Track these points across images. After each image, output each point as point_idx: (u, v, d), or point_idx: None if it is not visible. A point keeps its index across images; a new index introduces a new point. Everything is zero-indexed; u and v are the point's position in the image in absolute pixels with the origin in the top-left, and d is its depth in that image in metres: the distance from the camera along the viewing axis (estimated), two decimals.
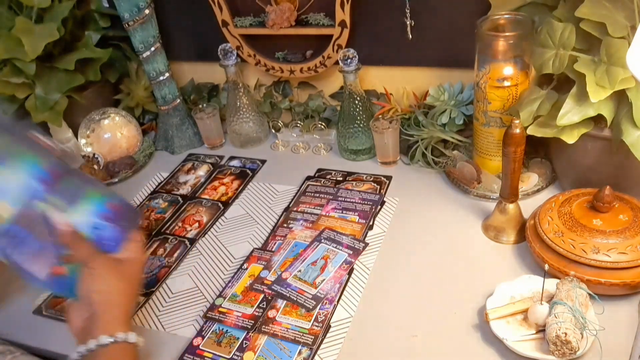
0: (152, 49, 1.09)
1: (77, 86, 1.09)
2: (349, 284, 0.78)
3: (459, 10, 0.94)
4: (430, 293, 0.75)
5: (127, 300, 0.64)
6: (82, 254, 0.64)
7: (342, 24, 0.99)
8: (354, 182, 0.99)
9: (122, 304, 0.63)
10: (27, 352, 0.76)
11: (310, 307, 0.75)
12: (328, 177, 1.02)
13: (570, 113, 0.72)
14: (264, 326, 0.73)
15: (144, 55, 1.09)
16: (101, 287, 0.63)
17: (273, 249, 0.86)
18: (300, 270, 0.81)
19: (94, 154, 1.12)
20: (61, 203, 0.66)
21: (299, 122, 1.12)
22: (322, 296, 0.76)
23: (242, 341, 0.72)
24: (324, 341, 0.71)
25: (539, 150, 0.93)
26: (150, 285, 0.84)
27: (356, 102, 1.00)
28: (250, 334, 0.73)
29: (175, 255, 0.90)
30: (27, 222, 0.65)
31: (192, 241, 0.92)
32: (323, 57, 1.05)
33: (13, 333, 0.80)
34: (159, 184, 1.09)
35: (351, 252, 0.83)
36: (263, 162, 1.10)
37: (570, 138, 0.74)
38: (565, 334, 0.59)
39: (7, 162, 0.64)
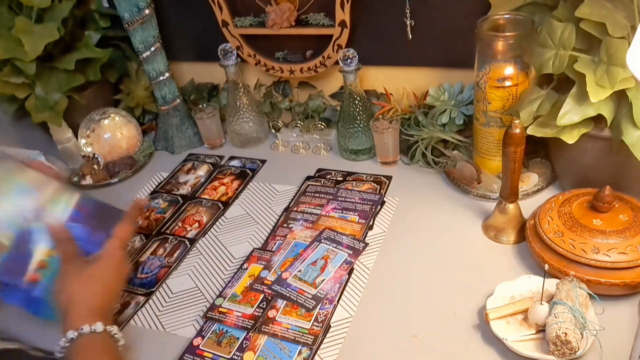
0: (152, 49, 1.09)
1: (77, 86, 1.09)
2: (349, 284, 0.78)
3: (459, 10, 0.94)
4: (430, 293, 0.75)
5: (97, 296, 0.68)
6: (64, 251, 0.71)
7: (342, 24, 0.99)
8: (354, 182, 0.99)
9: (87, 301, 0.67)
10: (36, 349, 0.76)
11: (310, 307, 0.75)
12: (328, 177, 1.02)
13: (570, 113, 0.73)
14: (264, 326, 0.73)
15: (144, 55, 1.09)
16: (64, 288, 0.68)
17: (273, 249, 0.86)
18: (300, 270, 0.81)
19: (94, 154, 1.12)
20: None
21: (299, 122, 1.12)
22: (322, 296, 0.76)
23: (242, 341, 0.72)
24: (324, 341, 0.71)
25: (539, 150, 0.93)
26: (150, 285, 0.84)
27: (356, 102, 1.00)
28: (250, 334, 0.73)
29: (175, 255, 0.90)
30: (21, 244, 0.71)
31: (192, 241, 0.92)
32: (323, 57, 1.05)
33: (12, 333, 0.80)
34: (159, 184, 1.09)
35: (351, 252, 0.83)
36: (263, 162, 1.10)
37: (570, 138, 0.74)
38: (565, 334, 0.59)
39: (2, 191, 0.69)
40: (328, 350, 0.70)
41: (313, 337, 0.71)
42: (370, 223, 0.89)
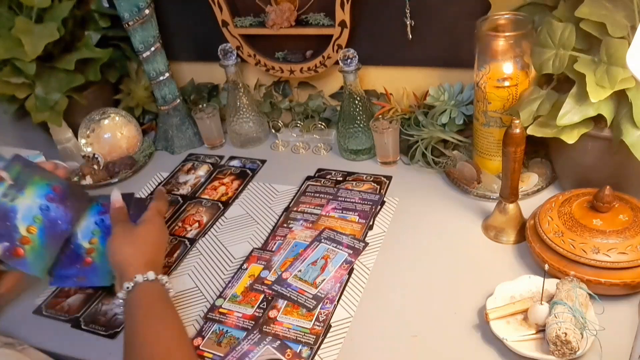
0: (152, 49, 1.09)
1: (77, 86, 1.09)
2: (349, 283, 0.78)
3: (459, 10, 0.94)
4: (430, 293, 0.75)
5: (146, 252, 0.76)
6: (117, 217, 0.81)
7: (342, 24, 0.99)
8: (354, 182, 0.99)
9: (140, 256, 0.75)
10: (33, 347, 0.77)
11: (311, 307, 0.75)
12: (328, 177, 1.02)
13: (570, 113, 0.73)
14: (265, 326, 0.73)
15: (144, 55, 1.09)
16: (118, 249, 0.76)
17: (273, 249, 0.86)
18: (300, 270, 0.81)
19: (94, 154, 1.12)
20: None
21: (299, 122, 1.12)
22: (323, 296, 0.76)
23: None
24: (324, 341, 0.71)
25: (539, 150, 0.93)
26: None
27: (356, 102, 1.00)
28: (251, 334, 0.73)
29: (175, 255, 0.90)
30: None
31: (192, 241, 0.92)
32: (323, 57, 1.05)
33: (13, 333, 0.80)
34: (159, 184, 1.09)
35: (351, 252, 0.83)
36: (263, 162, 1.10)
37: (570, 138, 0.74)
38: (565, 334, 0.59)
39: (24, 190, 0.77)
40: (328, 350, 0.70)
41: (314, 337, 0.71)
42: (370, 223, 0.89)
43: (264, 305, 0.77)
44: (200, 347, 0.73)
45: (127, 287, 0.71)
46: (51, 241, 0.79)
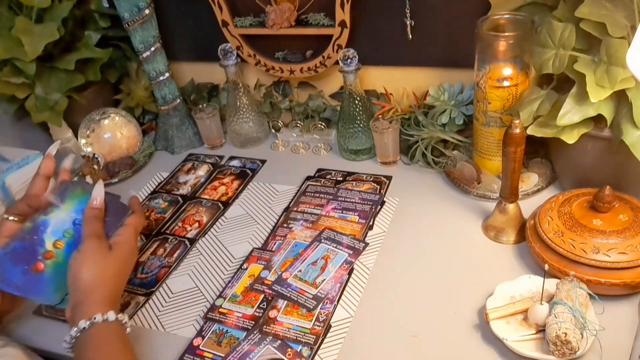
0: (152, 49, 1.09)
1: (77, 86, 1.09)
2: (349, 283, 0.78)
3: (459, 10, 0.94)
4: (430, 293, 0.75)
5: (111, 284, 0.68)
6: (91, 229, 0.70)
7: (342, 24, 0.99)
8: (354, 182, 0.99)
9: (104, 288, 0.67)
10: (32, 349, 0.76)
11: (311, 307, 0.75)
12: (328, 177, 1.02)
13: (570, 113, 0.73)
14: (265, 326, 0.73)
15: (144, 55, 1.09)
16: (83, 273, 0.66)
17: (273, 249, 0.86)
18: (300, 270, 0.81)
19: (94, 154, 1.12)
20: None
21: (299, 122, 1.12)
22: (323, 296, 0.76)
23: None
24: (324, 341, 0.71)
25: (539, 150, 0.93)
26: (150, 285, 0.84)
27: (356, 102, 1.00)
28: (252, 334, 0.73)
29: (175, 255, 0.90)
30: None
31: (192, 241, 0.92)
32: (323, 57, 1.05)
33: (13, 333, 0.80)
34: (159, 184, 1.09)
35: (351, 252, 0.83)
36: (263, 162, 1.10)
37: (570, 138, 0.74)
38: (565, 334, 0.59)
39: (63, 202, 0.74)
40: (328, 350, 0.70)
41: (314, 337, 0.71)
42: (370, 223, 0.89)
43: (264, 305, 0.77)
44: (200, 347, 0.73)
45: (83, 327, 0.63)
46: None
